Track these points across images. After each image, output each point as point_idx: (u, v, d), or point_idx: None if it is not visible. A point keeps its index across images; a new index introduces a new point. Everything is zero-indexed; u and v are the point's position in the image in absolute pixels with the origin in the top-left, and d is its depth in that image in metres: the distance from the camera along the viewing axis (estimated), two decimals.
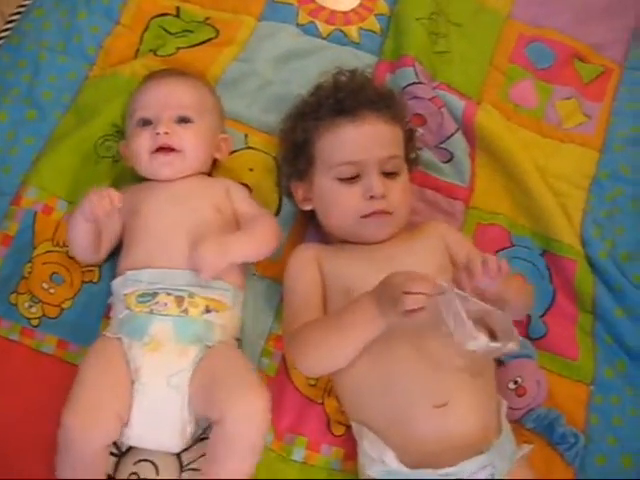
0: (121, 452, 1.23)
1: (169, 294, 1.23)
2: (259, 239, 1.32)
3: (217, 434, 1.14)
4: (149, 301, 1.23)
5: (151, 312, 1.23)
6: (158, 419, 1.19)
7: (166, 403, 1.19)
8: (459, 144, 1.57)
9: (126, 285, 1.26)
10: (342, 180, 1.31)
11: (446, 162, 1.56)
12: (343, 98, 1.34)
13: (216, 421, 1.14)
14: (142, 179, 1.40)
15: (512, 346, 1.10)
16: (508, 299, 1.14)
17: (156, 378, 1.19)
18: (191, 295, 1.24)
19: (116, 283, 1.29)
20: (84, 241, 1.31)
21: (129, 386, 1.19)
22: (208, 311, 1.25)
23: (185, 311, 1.23)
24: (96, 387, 1.17)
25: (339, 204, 1.32)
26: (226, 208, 1.36)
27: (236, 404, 1.12)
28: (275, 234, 1.35)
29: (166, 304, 1.23)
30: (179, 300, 1.23)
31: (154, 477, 1.22)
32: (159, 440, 1.21)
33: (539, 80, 1.70)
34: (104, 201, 1.22)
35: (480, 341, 1.06)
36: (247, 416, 1.13)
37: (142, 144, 1.35)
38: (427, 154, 1.55)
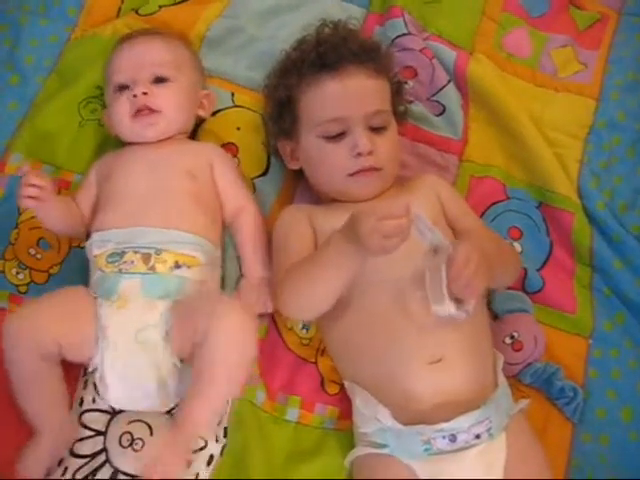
0: (114, 410, 1.23)
1: (136, 252, 1.23)
2: (265, 250, 1.33)
3: (200, 355, 1.12)
4: (117, 261, 1.23)
5: (120, 271, 1.22)
6: (131, 376, 1.19)
7: (136, 359, 1.18)
8: (451, 96, 1.54)
9: (94, 246, 1.26)
10: (328, 138, 1.28)
11: (438, 115, 1.53)
12: (325, 52, 1.30)
13: (199, 345, 1.12)
14: (127, 144, 1.38)
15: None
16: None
17: (124, 334, 1.19)
18: (158, 252, 1.23)
19: (87, 247, 1.29)
20: (60, 226, 1.31)
21: (86, 329, 1.20)
22: (178, 267, 1.23)
23: (152, 268, 1.22)
24: (48, 305, 1.20)
25: (326, 163, 1.29)
26: (202, 175, 1.34)
27: (218, 321, 1.11)
28: (262, 228, 1.35)
29: (133, 262, 1.22)
30: (146, 257, 1.22)
31: (148, 437, 1.21)
32: (140, 399, 1.20)
33: (533, 28, 1.65)
34: (28, 191, 1.21)
35: (444, 307, 1.07)
36: (230, 330, 1.12)
37: (121, 109, 1.34)
38: (419, 107, 1.51)
